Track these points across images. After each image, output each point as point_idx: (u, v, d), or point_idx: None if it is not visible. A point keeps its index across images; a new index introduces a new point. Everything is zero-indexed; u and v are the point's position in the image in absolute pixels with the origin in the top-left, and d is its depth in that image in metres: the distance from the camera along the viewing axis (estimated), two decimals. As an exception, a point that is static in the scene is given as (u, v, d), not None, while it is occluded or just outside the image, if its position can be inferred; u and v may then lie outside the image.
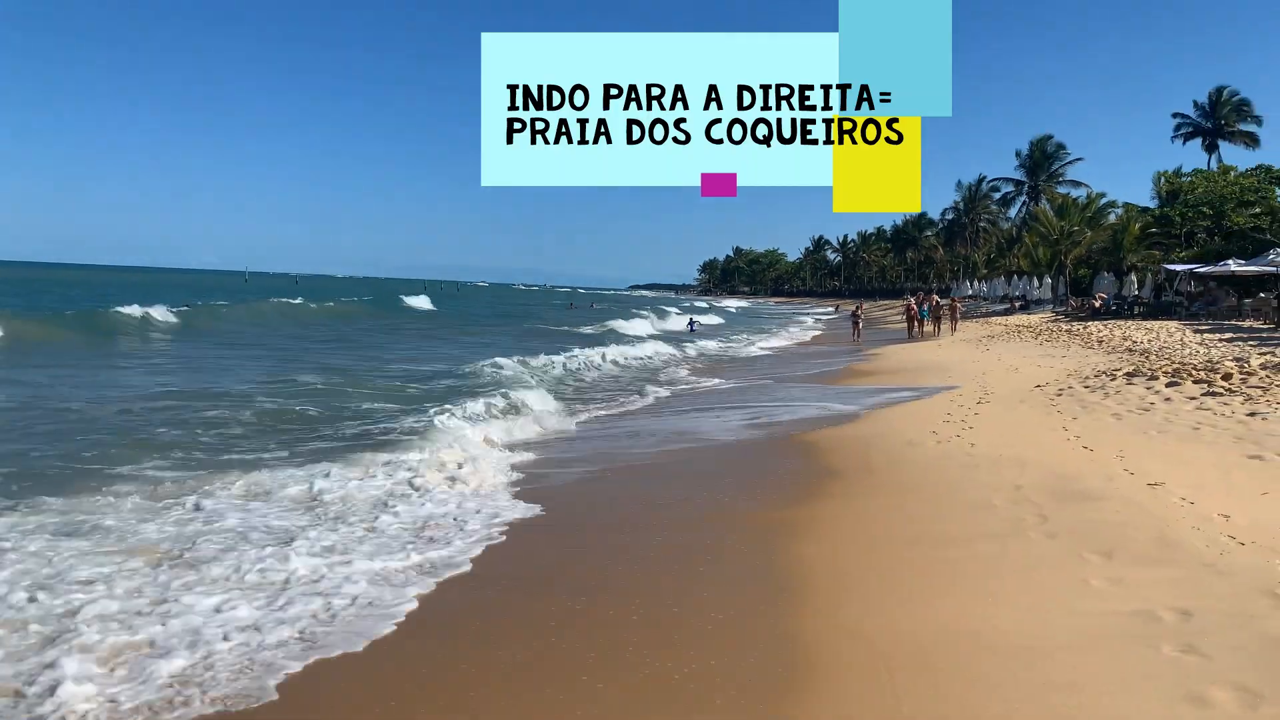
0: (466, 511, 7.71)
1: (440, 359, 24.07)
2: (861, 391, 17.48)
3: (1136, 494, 7.63)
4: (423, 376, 18.93)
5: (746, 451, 11.30)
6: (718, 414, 14.60)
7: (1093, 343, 26.08)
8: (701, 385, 19.82)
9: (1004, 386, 15.77)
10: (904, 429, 11.78)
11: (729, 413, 14.72)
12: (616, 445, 11.86)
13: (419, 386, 16.96)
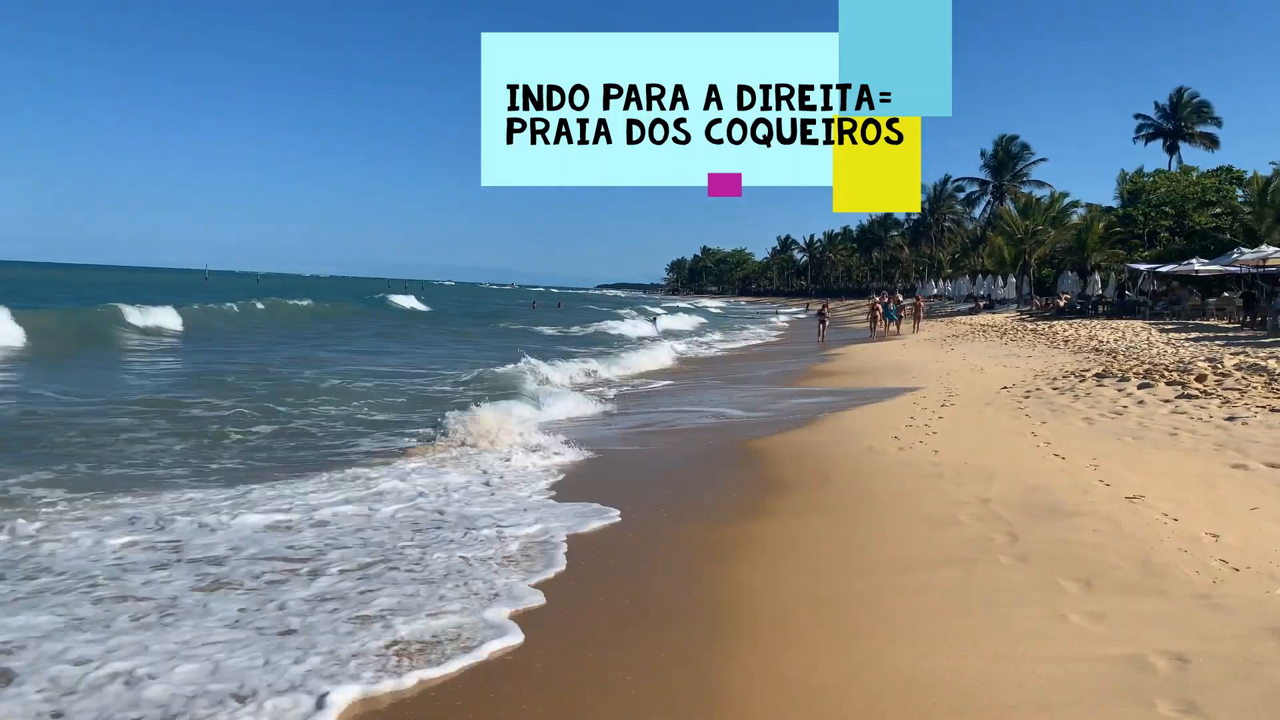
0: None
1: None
2: (821, 393, 16.75)
3: (1114, 509, 6.90)
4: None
5: (689, 460, 10.45)
6: (661, 418, 13.78)
7: (1058, 342, 25.61)
8: (651, 386, 19.00)
9: (969, 388, 15.09)
10: (863, 434, 11.03)
11: (674, 416, 13.91)
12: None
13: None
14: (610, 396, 16.31)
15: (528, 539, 6.69)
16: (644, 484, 9.19)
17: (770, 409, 14.46)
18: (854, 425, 11.92)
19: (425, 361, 23.19)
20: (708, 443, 11.50)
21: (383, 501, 7.71)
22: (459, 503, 7.80)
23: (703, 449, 11.10)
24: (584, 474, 9.38)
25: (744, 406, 14.81)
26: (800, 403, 15.18)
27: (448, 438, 10.60)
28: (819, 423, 12.39)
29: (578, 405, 14.34)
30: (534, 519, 7.24)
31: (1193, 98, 74.60)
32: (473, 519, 7.24)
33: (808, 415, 13.38)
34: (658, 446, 11.37)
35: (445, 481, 8.53)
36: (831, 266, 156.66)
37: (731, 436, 11.59)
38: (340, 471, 8.97)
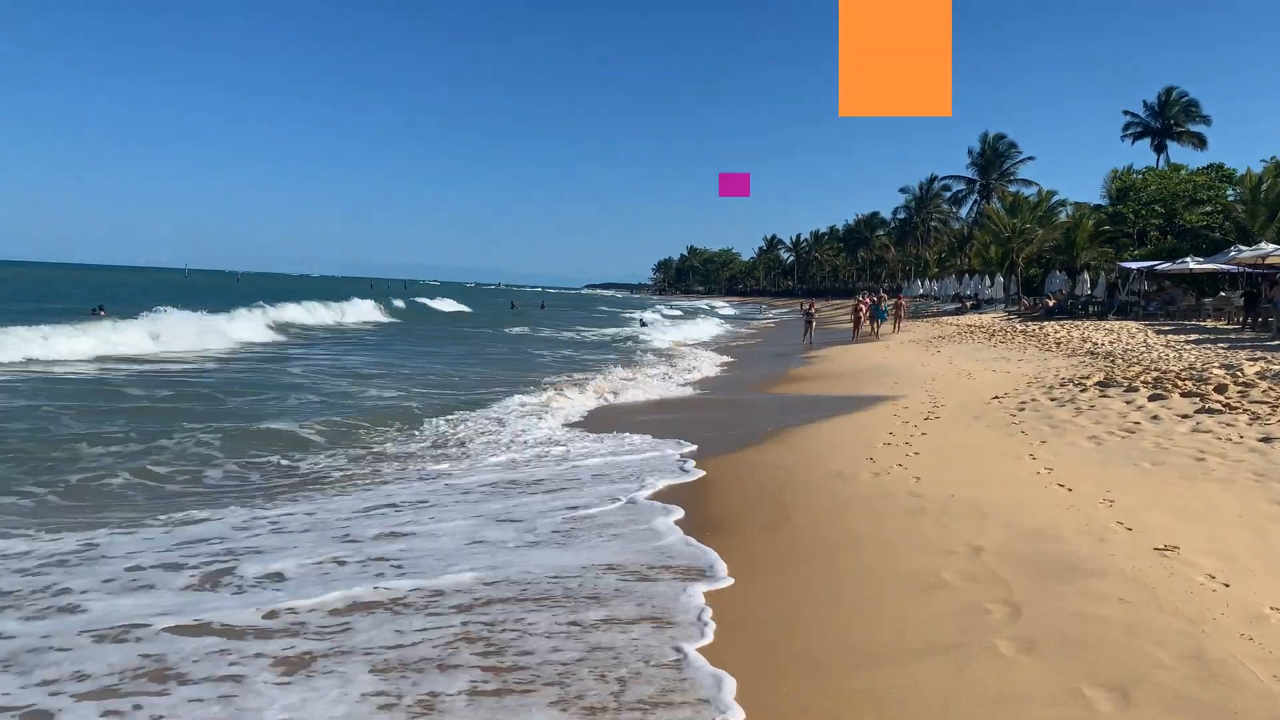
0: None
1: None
2: (792, 401, 15.23)
3: (1142, 566, 5.37)
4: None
5: (598, 483, 8.88)
6: (611, 433, 12.22)
7: (1050, 344, 24.16)
8: (619, 401, 17.44)
9: (956, 396, 13.59)
10: (834, 453, 9.49)
11: (624, 434, 12.36)
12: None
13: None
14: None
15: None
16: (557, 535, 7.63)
17: (732, 419, 12.93)
18: (824, 442, 10.38)
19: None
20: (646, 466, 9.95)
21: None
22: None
23: (631, 473, 9.54)
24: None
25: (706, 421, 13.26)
26: (769, 412, 13.65)
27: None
28: (784, 438, 10.84)
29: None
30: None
31: (1181, 96, 73.62)
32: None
33: (775, 426, 11.85)
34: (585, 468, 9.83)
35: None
36: (818, 266, 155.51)
37: (683, 457, 10.02)
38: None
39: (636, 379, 19.06)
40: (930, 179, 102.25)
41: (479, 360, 24.58)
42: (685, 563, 6.05)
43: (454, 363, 23.35)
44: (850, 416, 12.39)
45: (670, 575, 5.80)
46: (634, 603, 5.28)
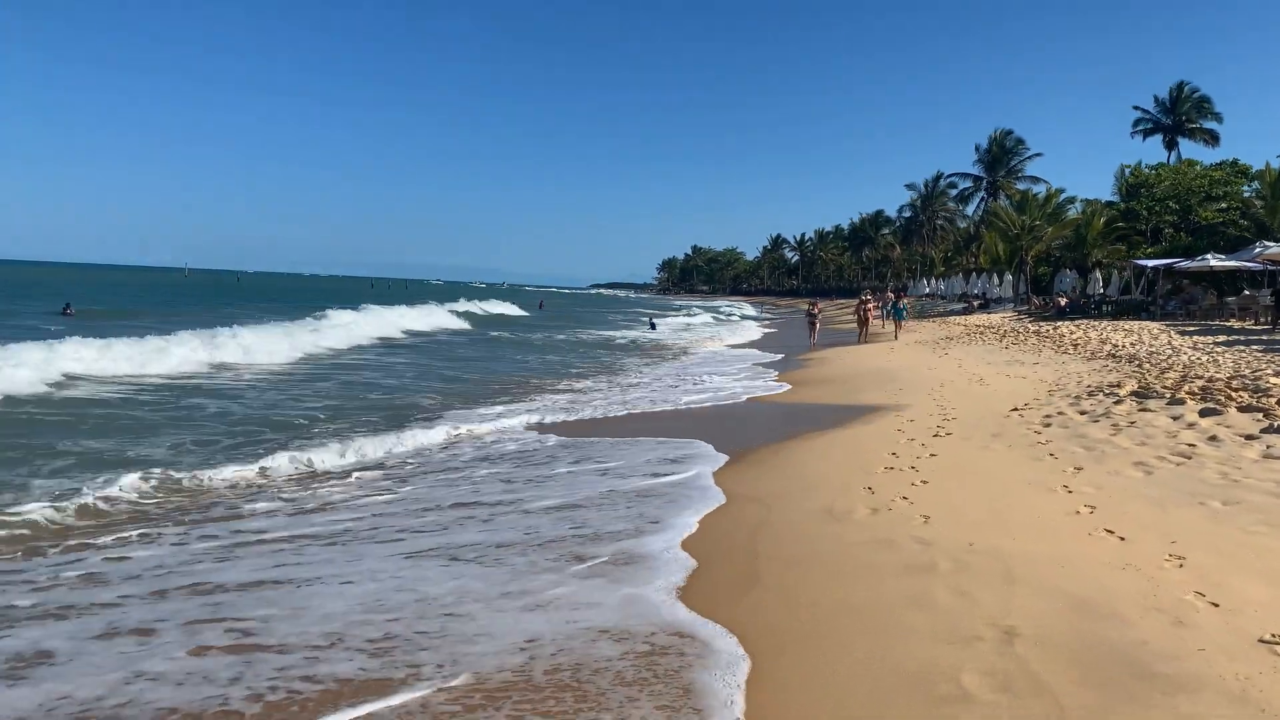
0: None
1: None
2: (784, 411, 13.63)
3: (1249, 670, 3.78)
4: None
5: (557, 526, 7.21)
6: (571, 455, 10.63)
7: (1066, 346, 22.52)
8: (587, 400, 15.84)
9: (969, 407, 11.99)
10: (825, 480, 7.90)
11: (580, 457, 10.76)
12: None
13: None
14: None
15: None
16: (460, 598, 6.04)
17: (711, 431, 11.34)
18: (815, 464, 8.78)
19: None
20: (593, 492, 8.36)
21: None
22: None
23: (581, 512, 7.95)
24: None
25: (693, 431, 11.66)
26: (755, 426, 12.05)
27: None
28: (768, 458, 9.25)
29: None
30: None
31: (1193, 92, 71.86)
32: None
33: (760, 441, 10.25)
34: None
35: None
36: (823, 265, 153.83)
37: (632, 489, 8.42)
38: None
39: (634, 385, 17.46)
40: (936, 176, 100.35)
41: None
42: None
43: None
44: (847, 430, 10.79)
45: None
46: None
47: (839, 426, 11.24)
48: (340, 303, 68.57)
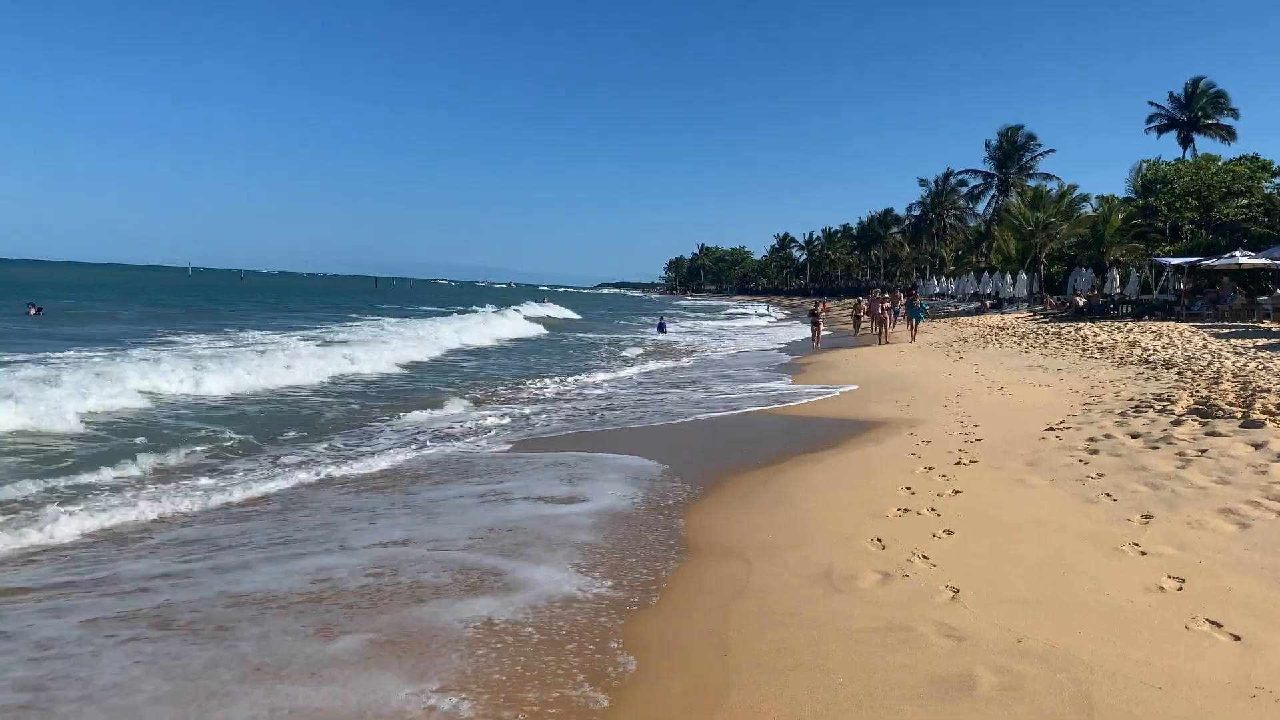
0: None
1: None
2: (779, 426, 11.97)
3: None
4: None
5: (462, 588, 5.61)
6: (487, 483, 9.01)
7: (1091, 349, 20.82)
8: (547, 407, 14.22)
9: (993, 423, 10.35)
10: (822, 528, 6.28)
11: (516, 485, 9.15)
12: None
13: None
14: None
15: None
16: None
17: (688, 449, 9.70)
18: (812, 502, 7.14)
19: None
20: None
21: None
22: None
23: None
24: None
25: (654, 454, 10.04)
26: (744, 444, 10.42)
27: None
28: (753, 489, 7.62)
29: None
30: None
31: (1209, 87, 70.02)
32: None
33: (747, 463, 8.63)
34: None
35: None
36: (830, 265, 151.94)
37: (566, 534, 6.78)
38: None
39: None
40: (946, 174, 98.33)
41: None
42: None
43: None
44: (853, 453, 9.16)
45: None
46: None
47: (843, 446, 9.61)
48: (345, 302, 67.55)
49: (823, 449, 9.57)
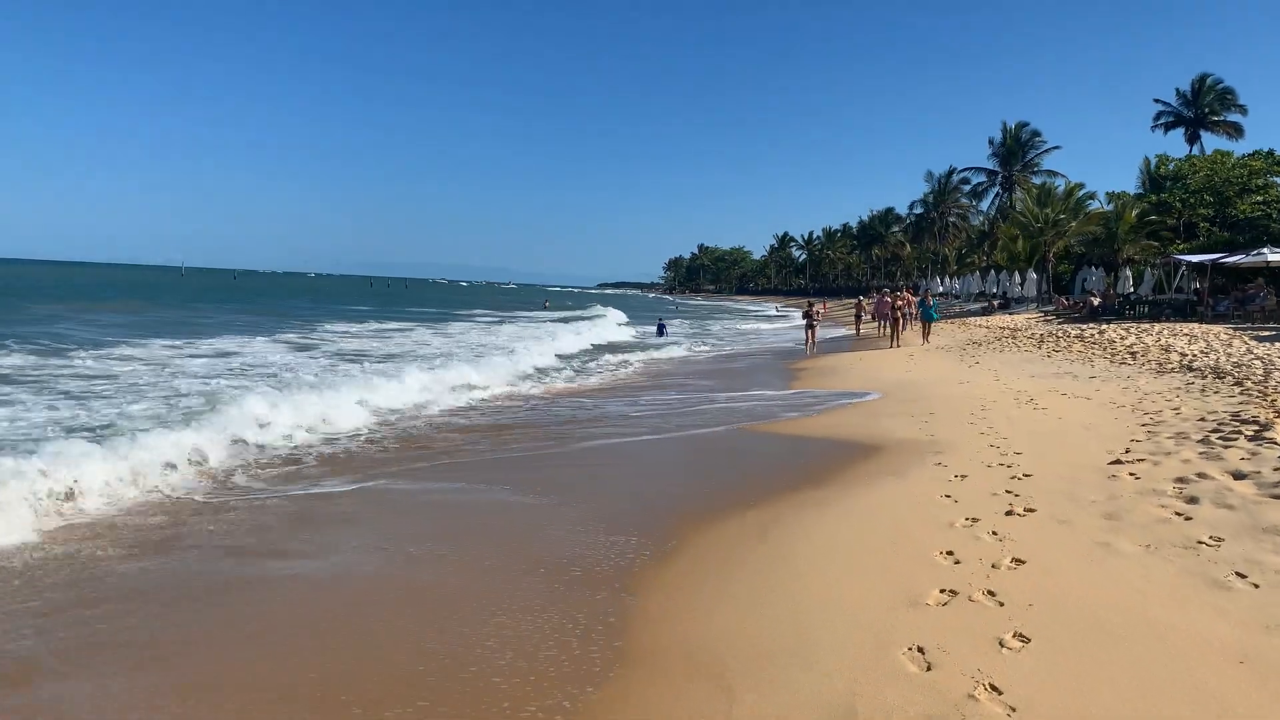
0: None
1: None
2: (768, 449, 10.01)
3: None
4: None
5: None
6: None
7: (1120, 354, 18.93)
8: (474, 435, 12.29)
9: (1038, 448, 8.44)
10: (831, 627, 4.37)
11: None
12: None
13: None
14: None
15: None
16: None
17: (649, 498, 7.78)
18: (815, 579, 5.21)
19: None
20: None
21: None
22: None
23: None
24: None
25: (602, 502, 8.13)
26: (726, 474, 8.50)
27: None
28: (737, 557, 5.69)
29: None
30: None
31: (1216, 84, 68.40)
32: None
33: (725, 503, 6.72)
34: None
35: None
36: (831, 264, 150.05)
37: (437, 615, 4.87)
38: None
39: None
40: (949, 171, 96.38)
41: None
42: None
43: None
44: (867, 493, 7.24)
45: None
46: None
47: (855, 481, 7.70)
48: (344, 301, 65.72)
49: (830, 483, 7.66)
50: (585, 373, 19.87)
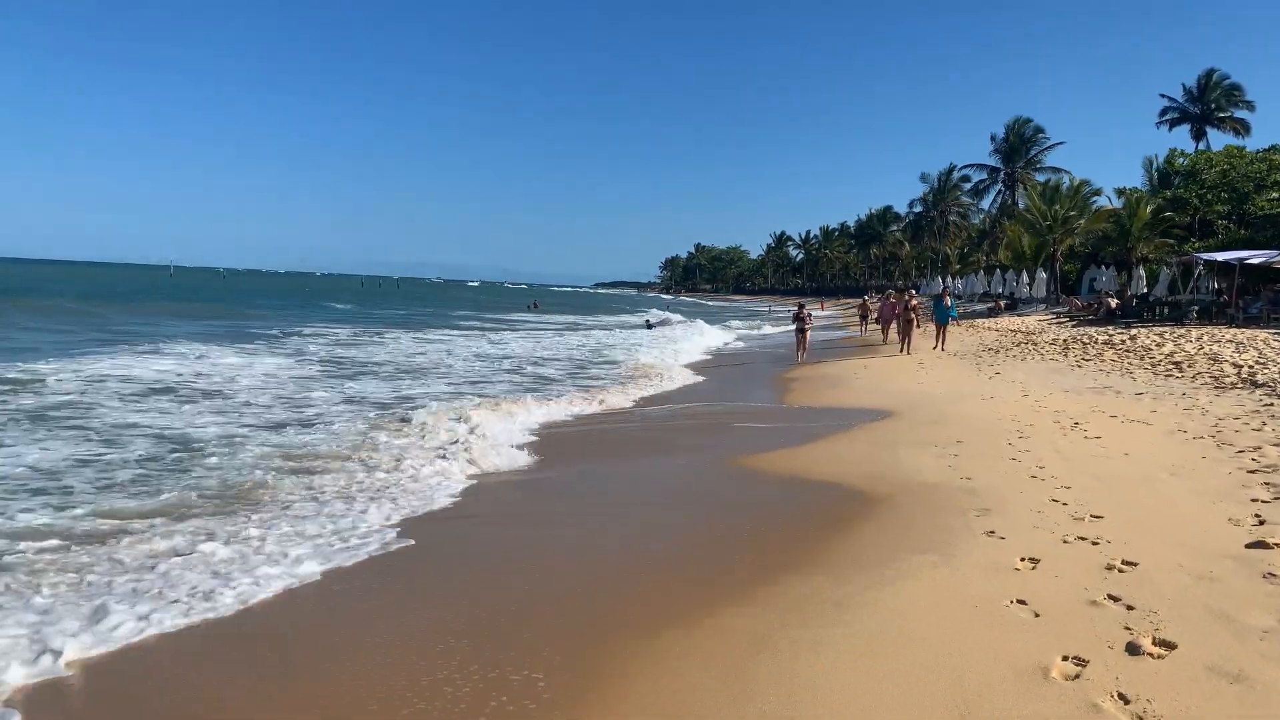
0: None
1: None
2: (751, 496, 7.74)
3: None
4: None
5: None
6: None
7: (1161, 364, 16.71)
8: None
9: (1124, 513, 6.20)
10: None
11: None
12: None
13: None
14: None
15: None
16: None
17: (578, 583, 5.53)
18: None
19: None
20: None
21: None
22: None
23: None
24: None
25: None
26: (688, 554, 6.22)
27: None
28: (708, 700, 3.44)
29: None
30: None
31: (1223, 79, 66.49)
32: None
33: (688, 601, 4.46)
34: None
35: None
36: (828, 264, 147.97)
37: None
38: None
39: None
40: (949, 169, 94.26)
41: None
42: None
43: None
44: (890, 596, 4.96)
45: None
46: None
47: (876, 563, 5.44)
48: (337, 300, 63.69)
49: (844, 564, 5.41)
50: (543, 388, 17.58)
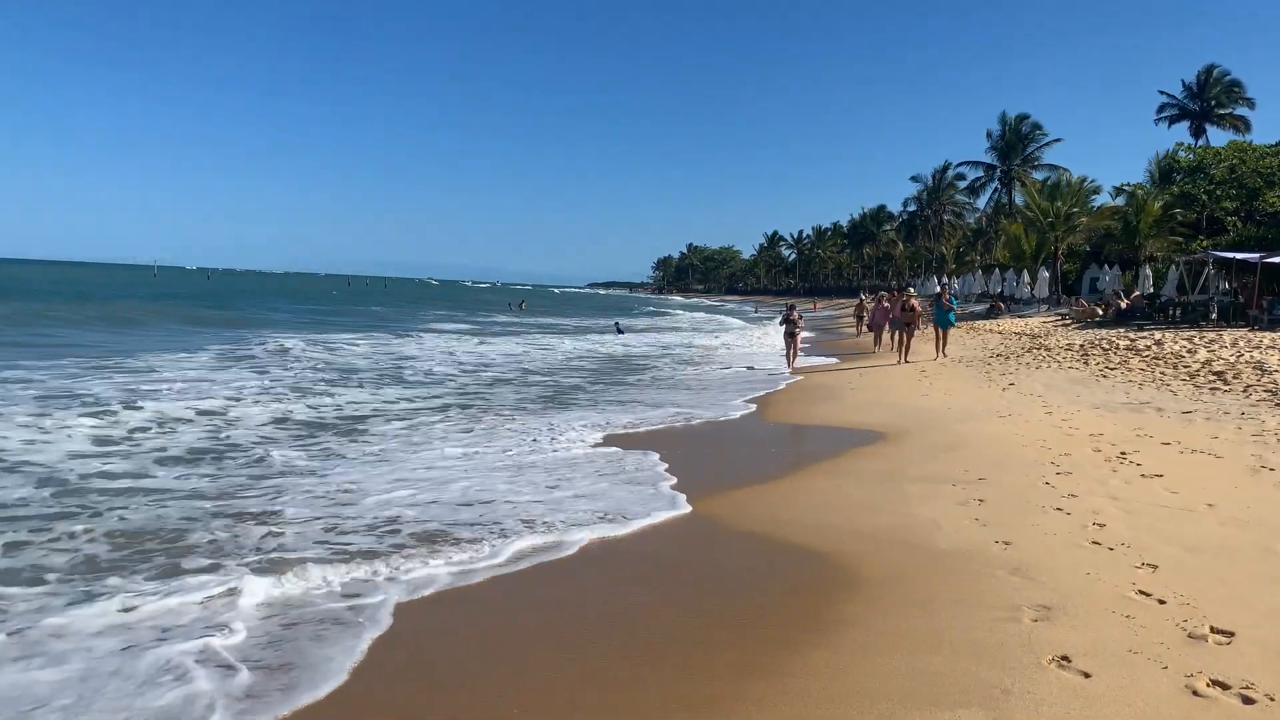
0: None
1: None
2: (732, 566, 5.68)
3: None
4: None
5: None
6: None
7: (1201, 374, 14.69)
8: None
9: (1247, 618, 4.17)
10: None
11: None
12: None
13: None
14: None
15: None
16: None
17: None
18: None
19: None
20: None
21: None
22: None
23: None
24: None
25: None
26: (633, 673, 4.17)
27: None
28: None
29: None
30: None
31: (1223, 76, 65.04)
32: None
33: None
34: None
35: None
36: (821, 264, 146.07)
37: None
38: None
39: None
40: (944, 166, 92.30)
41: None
42: None
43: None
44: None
45: None
46: None
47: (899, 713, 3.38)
48: (334, 300, 61.58)
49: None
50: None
